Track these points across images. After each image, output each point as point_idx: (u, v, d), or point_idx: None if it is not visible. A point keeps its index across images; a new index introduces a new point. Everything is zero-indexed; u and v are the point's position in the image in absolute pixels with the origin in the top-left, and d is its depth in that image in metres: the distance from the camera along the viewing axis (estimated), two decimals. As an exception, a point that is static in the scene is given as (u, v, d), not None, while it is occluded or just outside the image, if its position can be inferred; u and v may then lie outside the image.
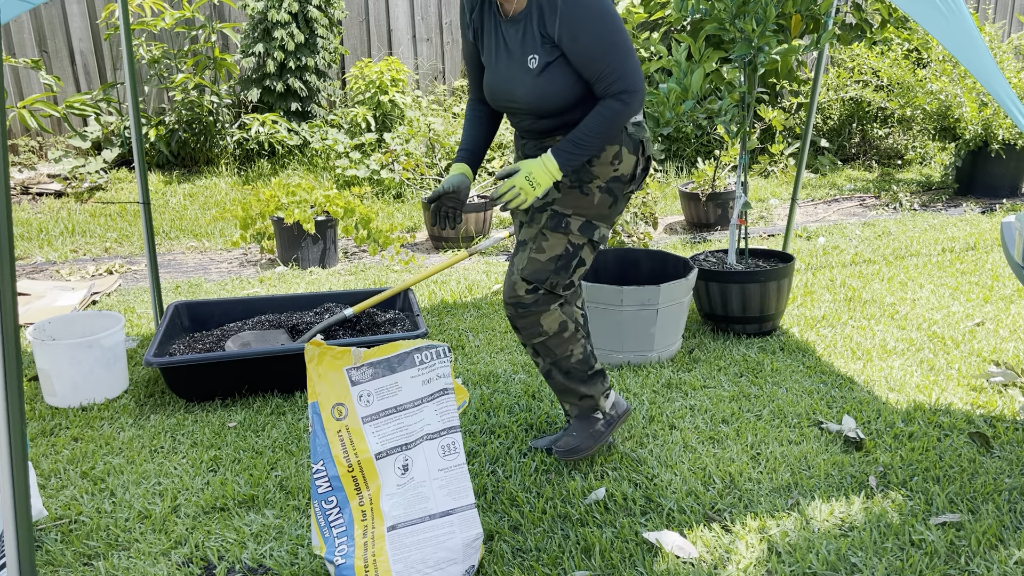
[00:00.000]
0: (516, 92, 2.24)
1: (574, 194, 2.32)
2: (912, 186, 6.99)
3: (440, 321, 4.02)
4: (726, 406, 3.03)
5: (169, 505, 2.47)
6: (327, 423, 2.03)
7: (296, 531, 2.33)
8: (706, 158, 7.40)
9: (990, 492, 2.44)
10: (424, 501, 2.06)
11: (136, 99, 3.52)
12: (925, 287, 4.32)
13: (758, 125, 6.03)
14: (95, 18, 6.84)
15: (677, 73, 3.43)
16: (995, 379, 3.18)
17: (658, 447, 2.75)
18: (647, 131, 2.42)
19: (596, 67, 2.14)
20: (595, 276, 3.79)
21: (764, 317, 3.67)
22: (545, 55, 2.17)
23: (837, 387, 3.18)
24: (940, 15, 2.62)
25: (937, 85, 6.70)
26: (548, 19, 2.12)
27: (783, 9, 3.46)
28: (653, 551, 2.21)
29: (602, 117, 2.19)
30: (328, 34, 6.99)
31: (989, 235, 5.34)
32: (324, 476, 2.02)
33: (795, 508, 2.39)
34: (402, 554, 2.01)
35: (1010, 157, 6.37)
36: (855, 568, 2.13)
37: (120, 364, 3.23)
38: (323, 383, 2.04)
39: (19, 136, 6.83)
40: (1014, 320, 3.81)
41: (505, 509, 2.41)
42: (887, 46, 7.32)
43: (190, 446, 2.83)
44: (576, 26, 2.10)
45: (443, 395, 2.11)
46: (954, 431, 2.81)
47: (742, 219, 3.74)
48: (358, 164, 6.67)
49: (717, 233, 5.74)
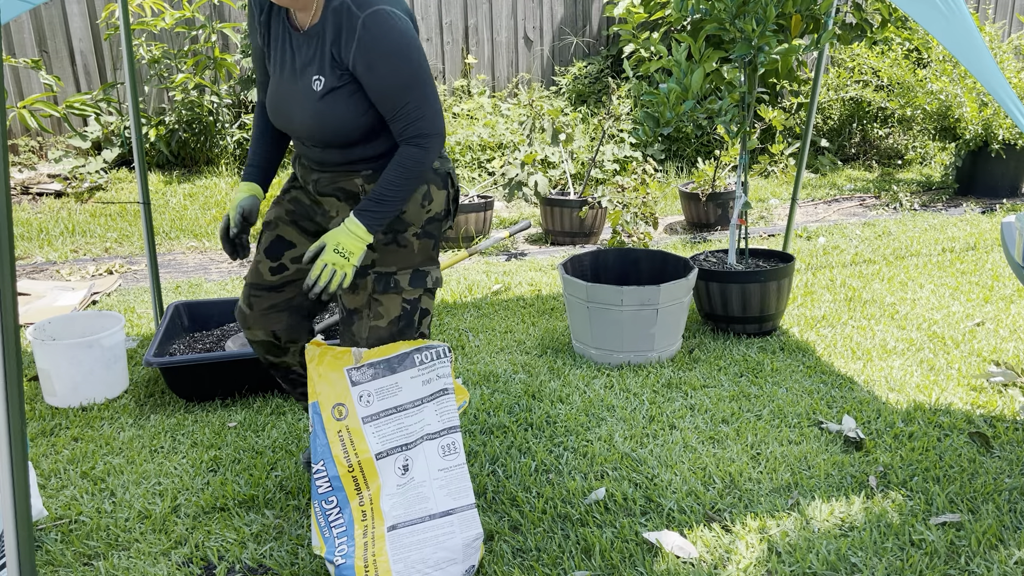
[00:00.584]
0: (293, 113, 2.02)
1: (392, 249, 2.11)
2: (912, 186, 6.99)
3: (440, 321, 4.02)
4: (726, 406, 3.03)
5: (169, 505, 2.47)
6: (327, 423, 2.03)
7: (296, 531, 2.33)
8: (706, 158, 7.40)
9: (990, 492, 2.44)
10: (424, 501, 2.06)
11: (136, 99, 3.51)
12: (925, 287, 4.32)
13: (758, 125, 6.03)
14: (95, 18, 6.84)
15: (677, 73, 3.43)
16: (995, 379, 3.18)
17: (658, 447, 2.75)
18: (450, 161, 2.26)
19: (394, 103, 1.94)
20: (595, 276, 3.79)
21: (764, 317, 3.67)
22: (332, 79, 1.95)
23: (837, 387, 3.18)
24: (940, 15, 2.62)
25: (937, 85, 6.70)
26: (344, 42, 1.91)
27: (783, 9, 3.46)
28: (653, 551, 2.21)
29: (402, 168, 1.98)
30: (328, 34, 6.98)
31: (989, 235, 5.34)
32: (324, 476, 2.02)
33: (795, 508, 2.39)
34: (402, 554, 2.01)
35: (1010, 157, 6.37)
36: (855, 568, 2.13)
37: (120, 364, 3.23)
38: (323, 383, 2.04)
39: (19, 136, 6.83)
40: (1014, 320, 3.81)
41: (505, 509, 2.41)
42: (887, 46, 7.32)
43: (190, 446, 2.83)
44: (375, 55, 1.89)
45: (443, 395, 2.11)
46: (954, 431, 2.81)
47: (742, 219, 3.74)
48: (358, 164, 6.67)
49: (717, 233, 5.74)
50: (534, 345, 3.68)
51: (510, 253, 5.35)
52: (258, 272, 2.26)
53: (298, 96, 2.00)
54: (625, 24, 6.62)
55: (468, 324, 3.97)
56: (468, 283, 4.62)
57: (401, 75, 1.91)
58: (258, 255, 2.26)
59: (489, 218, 5.51)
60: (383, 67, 1.90)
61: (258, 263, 2.26)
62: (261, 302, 2.26)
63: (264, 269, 2.24)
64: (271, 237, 2.25)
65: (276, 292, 2.25)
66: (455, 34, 7.89)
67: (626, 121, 6.98)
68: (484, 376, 3.34)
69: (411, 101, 1.94)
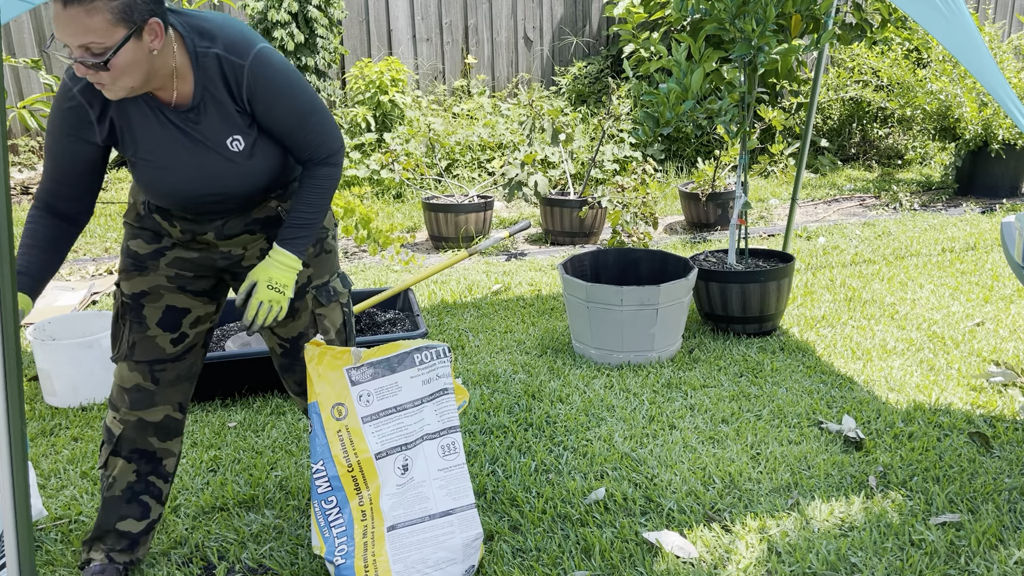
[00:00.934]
0: (226, 183, 1.89)
1: (322, 259, 2.11)
2: (912, 186, 6.99)
3: (440, 321, 4.02)
4: (726, 406, 3.03)
5: (169, 505, 2.47)
6: (327, 423, 2.02)
7: (296, 531, 2.33)
8: (706, 158, 7.40)
9: (990, 492, 2.44)
10: (424, 501, 2.06)
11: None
12: (925, 287, 4.32)
13: (758, 125, 6.03)
14: (95, 18, 6.83)
15: (677, 73, 3.43)
16: (995, 379, 3.18)
17: (658, 447, 2.75)
18: None
19: (298, 136, 1.89)
20: (595, 276, 3.79)
21: (764, 317, 3.67)
22: (249, 134, 1.86)
23: (837, 387, 3.18)
24: (940, 15, 2.62)
25: (937, 85, 6.70)
26: (237, 94, 1.81)
27: (783, 9, 3.46)
28: (653, 551, 2.21)
29: (320, 188, 1.95)
30: (328, 34, 6.99)
31: (989, 235, 5.34)
32: (324, 476, 2.01)
33: (795, 508, 2.39)
34: (402, 554, 2.01)
35: (1010, 157, 6.37)
36: (855, 568, 2.13)
37: (120, 364, 3.23)
38: (323, 383, 2.04)
39: (19, 136, 6.83)
40: (1014, 320, 3.81)
41: (505, 509, 2.41)
42: (887, 46, 7.32)
43: (190, 446, 2.83)
44: (271, 96, 1.83)
45: (443, 395, 2.11)
46: (954, 431, 2.81)
47: (742, 219, 3.74)
48: (358, 164, 6.67)
49: (717, 233, 5.74)
50: (534, 345, 3.68)
51: (510, 253, 5.35)
52: (156, 347, 2.04)
53: (220, 166, 1.86)
54: (625, 24, 6.62)
55: (468, 324, 3.97)
56: (468, 283, 4.62)
57: (300, 106, 1.87)
58: (148, 330, 2.03)
59: (489, 218, 5.51)
60: (281, 106, 1.84)
61: (152, 338, 2.03)
62: (167, 375, 2.07)
63: (164, 343, 2.04)
64: (159, 309, 2.03)
65: (180, 361, 2.09)
66: (455, 34, 7.89)
67: (626, 121, 6.98)
68: (484, 376, 3.34)
69: (313, 126, 1.90)
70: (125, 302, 2.03)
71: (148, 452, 2.11)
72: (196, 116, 1.82)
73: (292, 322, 2.10)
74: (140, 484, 2.12)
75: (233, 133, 1.84)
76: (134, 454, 2.10)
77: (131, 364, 2.05)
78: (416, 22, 7.74)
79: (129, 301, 2.03)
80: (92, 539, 2.14)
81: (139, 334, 2.03)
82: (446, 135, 7.06)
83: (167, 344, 2.06)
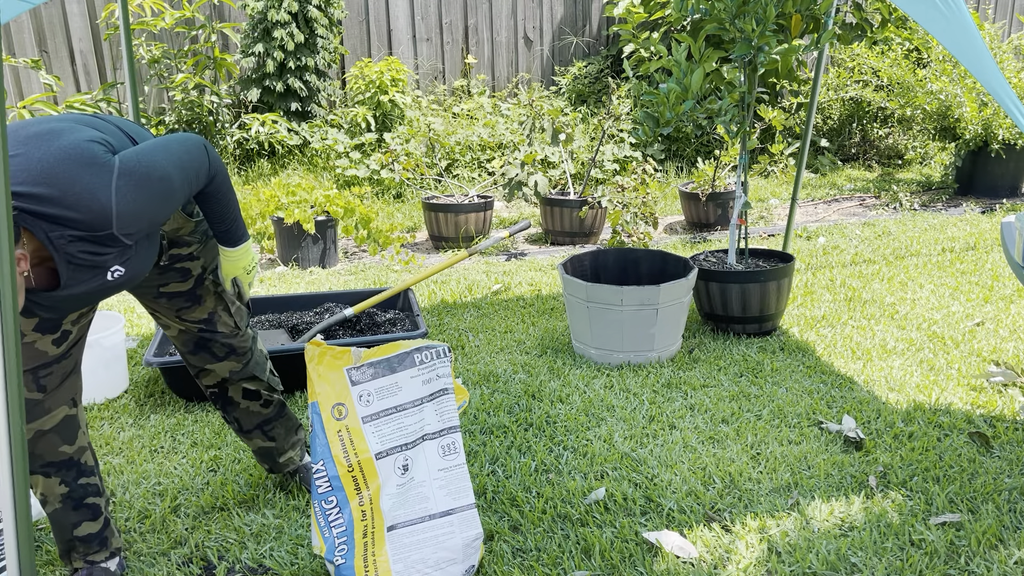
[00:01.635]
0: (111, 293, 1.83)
1: (208, 246, 2.13)
2: (912, 186, 6.99)
3: (440, 321, 4.02)
4: (726, 406, 3.03)
5: (169, 505, 2.47)
6: (327, 423, 2.02)
7: (296, 531, 2.33)
8: (706, 158, 7.40)
9: (990, 492, 2.44)
10: (424, 501, 2.06)
11: (136, 99, 3.51)
12: (925, 287, 4.32)
13: (758, 125, 6.03)
14: (95, 18, 6.84)
15: (677, 73, 3.43)
16: (995, 379, 3.18)
17: (658, 447, 2.75)
18: None
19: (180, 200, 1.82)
20: (595, 276, 3.79)
21: (764, 317, 3.67)
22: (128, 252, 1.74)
23: (837, 387, 3.18)
24: (940, 15, 2.62)
25: (937, 85, 6.70)
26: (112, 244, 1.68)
27: (783, 9, 3.46)
28: (653, 551, 2.21)
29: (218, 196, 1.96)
30: (328, 34, 6.99)
31: (989, 235, 5.34)
32: (324, 476, 2.01)
33: (795, 508, 2.39)
34: (402, 554, 2.01)
35: (1010, 157, 6.37)
36: (855, 568, 2.13)
37: (120, 364, 3.23)
38: (323, 383, 2.04)
39: (19, 136, 6.82)
40: (1014, 320, 3.81)
41: (505, 509, 2.41)
42: (887, 46, 7.32)
43: (190, 446, 2.83)
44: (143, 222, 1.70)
45: (443, 395, 2.11)
46: (954, 431, 2.81)
47: (742, 219, 3.74)
48: (358, 164, 6.67)
49: (717, 233, 5.74)
50: (534, 345, 3.68)
51: (510, 253, 5.35)
52: (37, 352, 1.92)
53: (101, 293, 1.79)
54: (625, 24, 6.62)
55: (468, 324, 3.97)
56: (468, 283, 4.62)
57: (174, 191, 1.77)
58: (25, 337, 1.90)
59: (489, 218, 5.51)
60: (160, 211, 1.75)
61: (31, 344, 1.90)
62: (54, 378, 1.96)
63: (45, 346, 1.92)
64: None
65: (65, 360, 1.97)
66: (455, 34, 7.89)
67: (626, 121, 6.98)
68: (484, 376, 3.34)
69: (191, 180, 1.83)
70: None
71: (64, 461, 2.02)
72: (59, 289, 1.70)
73: (200, 307, 2.17)
74: (77, 491, 2.06)
75: (111, 266, 1.74)
76: (50, 467, 2.01)
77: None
78: (416, 22, 7.74)
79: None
80: (63, 552, 2.13)
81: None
82: (446, 135, 7.06)
83: (49, 346, 1.93)
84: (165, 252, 2.05)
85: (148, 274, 2.05)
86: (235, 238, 2.07)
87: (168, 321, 2.20)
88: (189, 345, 2.23)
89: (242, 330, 2.27)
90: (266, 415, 2.39)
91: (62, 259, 1.65)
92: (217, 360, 2.26)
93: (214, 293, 2.18)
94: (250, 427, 2.39)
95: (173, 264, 2.08)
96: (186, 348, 2.24)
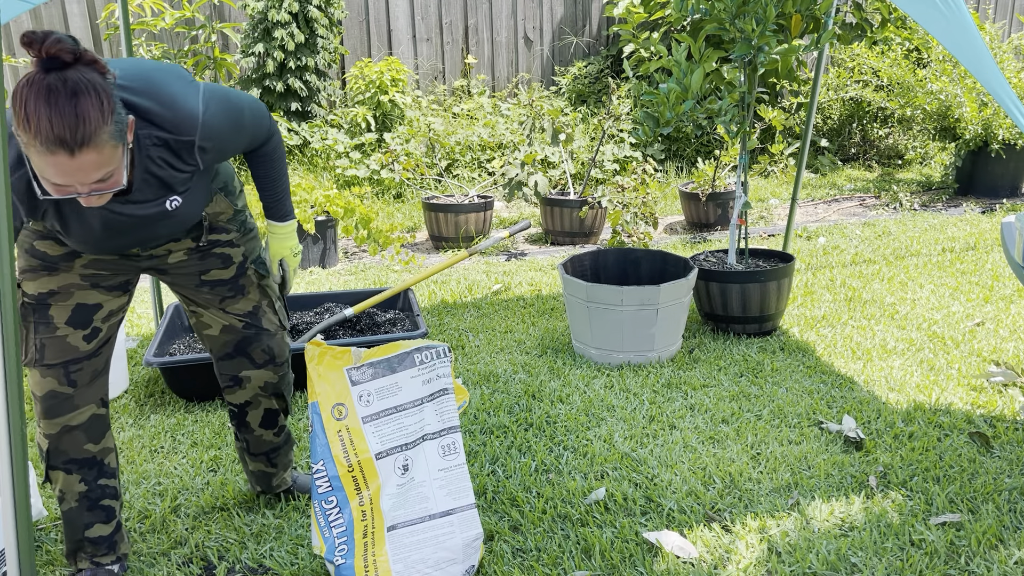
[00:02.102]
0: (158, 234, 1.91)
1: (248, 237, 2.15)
2: (912, 186, 6.99)
3: (440, 321, 4.02)
4: (726, 406, 3.03)
5: (169, 505, 2.47)
6: (327, 423, 2.02)
7: (296, 531, 2.33)
8: (706, 158, 7.40)
9: (990, 492, 2.44)
10: (424, 501, 2.06)
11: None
12: (925, 287, 4.32)
13: (758, 125, 6.04)
14: (95, 18, 6.84)
15: (677, 73, 3.43)
16: (995, 379, 3.18)
17: (658, 447, 2.75)
18: None
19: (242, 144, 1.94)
20: (595, 276, 3.79)
21: (764, 317, 3.67)
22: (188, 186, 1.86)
23: (837, 387, 3.18)
24: (940, 15, 2.62)
25: (937, 85, 6.70)
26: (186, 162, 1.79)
27: (783, 9, 3.46)
28: (653, 551, 2.21)
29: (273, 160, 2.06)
30: (328, 34, 6.99)
31: (989, 235, 5.34)
32: (324, 476, 2.02)
33: (795, 508, 2.39)
34: (402, 554, 2.01)
35: (1010, 157, 6.37)
36: (855, 568, 2.13)
37: (120, 364, 3.23)
38: (323, 383, 2.04)
39: (19, 136, 6.82)
40: (1014, 320, 3.81)
41: (505, 509, 2.41)
42: (887, 46, 7.32)
43: (190, 446, 2.83)
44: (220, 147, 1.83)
45: (443, 395, 2.11)
46: (954, 431, 2.81)
47: (742, 219, 3.74)
48: (358, 164, 6.67)
49: (717, 233, 5.74)
50: (534, 345, 3.68)
51: (510, 253, 5.35)
52: (68, 346, 1.95)
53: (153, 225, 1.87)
54: (625, 24, 6.62)
55: (468, 324, 3.97)
56: (468, 283, 4.62)
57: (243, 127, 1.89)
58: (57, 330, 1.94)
59: (489, 218, 5.51)
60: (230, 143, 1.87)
61: (63, 338, 1.94)
62: (84, 375, 1.99)
63: (76, 341, 1.95)
64: (68, 307, 1.95)
65: (95, 357, 2.01)
66: (455, 34, 7.89)
67: (626, 121, 6.98)
68: (484, 376, 3.34)
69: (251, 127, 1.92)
70: (27, 303, 1.92)
71: (87, 459, 2.03)
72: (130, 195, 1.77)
73: (244, 298, 2.15)
74: (94, 491, 2.06)
75: (170, 196, 1.82)
76: (73, 464, 2.02)
77: (43, 369, 1.94)
78: (416, 22, 7.74)
79: (32, 301, 1.92)
80: (71, 551, 2.12)
81: (47, 336, 1.93)
82: (446, 135, 7.06)
83: (80, 342, 1.96)
84: (205, 233, 2.05)
85: (189, 259, 2.05)
86: (285, 212, 2.15)
87: (212, 317, 2.14)
88: (229, 347, 2.16)
89: (286, 329, 2.25)
90: (275, 443, 2.36)
91: (141, 163, 1.74)
92: (255, 367, 2.19)
93: (258, 286, 2.16)
94: (258, 452, 2.36)
95: (212, 248, 2.07)
96: (225, 350, 2.16)
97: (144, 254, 2.02)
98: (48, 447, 2.00)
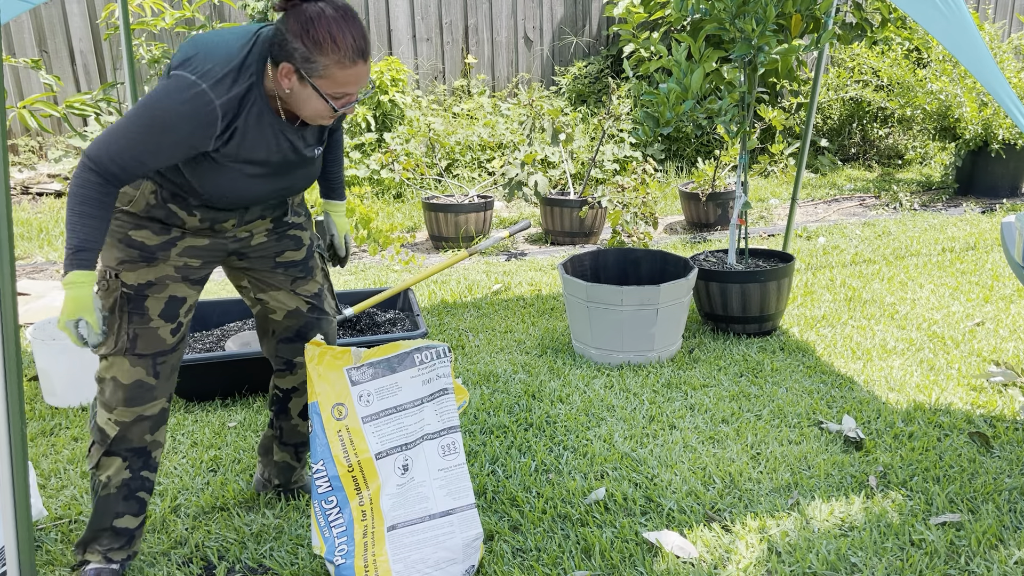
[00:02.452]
0: (297, 185, 2.08)
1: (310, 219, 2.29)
2: (912, 186, 6.99)
3: (440, 321, 4.02)
4: (726, 406, 3.03)
5: (169, 505, 2.47)
6: (327, 423, 2.02)
7: (296, 531, 2.33)
8: (706, 158, 7.40)
9: (990, 492, 2.44)
10: (424, 501, 2.06)
11: (136, 99, 3.51)
12: (925, 287, 4.32)
13: (758, 125, 6.03)
14: (95, 18, 6.84)
15: (677, 73, 3.43)
16: (995, 379, 3.18)
17: (658, 447, 2.75)
18: None
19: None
20: (595, 276, 3.79)
21: (764, 317, 3.67)
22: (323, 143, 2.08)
23: (837, 387, 3.18)
24: (940, 15, 2.62)
25: (937, 85, 6.70)
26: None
27: (783, 9, 3.45)
28: (653, 551, 2.21)
29: (341, 145, 2.31)
30: (328, 34, 6.98)
31: (989, 235, 5.34)
32: (324, 476, 2.01)
33: (795, 508, 2.39)
34: (402, 554, 2.01)
35: (1010, 157, 6.37)
36: (855, 568, 2.13)
37: (120, 364, 3.23)
38: (323, 383, 2.04)
39: (19, 136, 6.83)
40: (1014, 320, 3.81)
41: (505, 509, 2.41)
42: (887, 46, 7.32)
43: (190, 446, 2.83)
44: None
45: (443, 395, 2.11)
46: (954, 431, 2.81)
47: (742, 219, 3.74)
48: (358, 164, 6.67)
49: (717, 233, 5.74)
50: (534, 345, 3.68)
51: (510, 253, 5.35)
52: (158, 339, 2.02)
53: (301, 171, 2.05)
54: (625, 24, 6.62)
55: (468, 324, 3.97)
56: (468, 283, 4.62)
57: None
58: (151, 322, 2.01)
59: (489, 218, 5.51)
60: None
61: (155, 330, 2.01)
62: (166, 367, 2.06)
63: (165, 334, 2.03)
64: (162, 300, 2.02)
65: (176, 351, 2.09)
66: (455, 34, 7.89)
67: (626, 121, 6.98)
68: (484, 376, 3.34)
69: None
70: (126, 293, 1.98)
71: (141, 448, 2.08)
72: (299, 133, 1.97)
73: (312, 280, 2.25)
74: (135, 481, 2.10)
75: (318, 144, 2.05)
76: (131, 452, 2.07)
77: (133, 359, 2.00)
78: (416, 22, 7.74)
79: (131, 292, 1.98)
80: (86, 541, 2.12)
81: (141, 326, 1.99)
82: (446, 135, 7.06)
83: (168, 335, 2.04)
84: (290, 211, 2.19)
85: (268, 240, 2.16)
86: (343, 190, 2.37)
87: (281, 300, 2.21)
88: (291, 331, 2.24)
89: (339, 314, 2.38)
90: (306, 438, 2.39)
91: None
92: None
93: (320, 269, 2.29)
94: (289, 442, 2.41)
95: (287, 231, 2.19)
96: (287, 334, 2.25)
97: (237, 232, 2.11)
98: (116, 434, 2.05)
